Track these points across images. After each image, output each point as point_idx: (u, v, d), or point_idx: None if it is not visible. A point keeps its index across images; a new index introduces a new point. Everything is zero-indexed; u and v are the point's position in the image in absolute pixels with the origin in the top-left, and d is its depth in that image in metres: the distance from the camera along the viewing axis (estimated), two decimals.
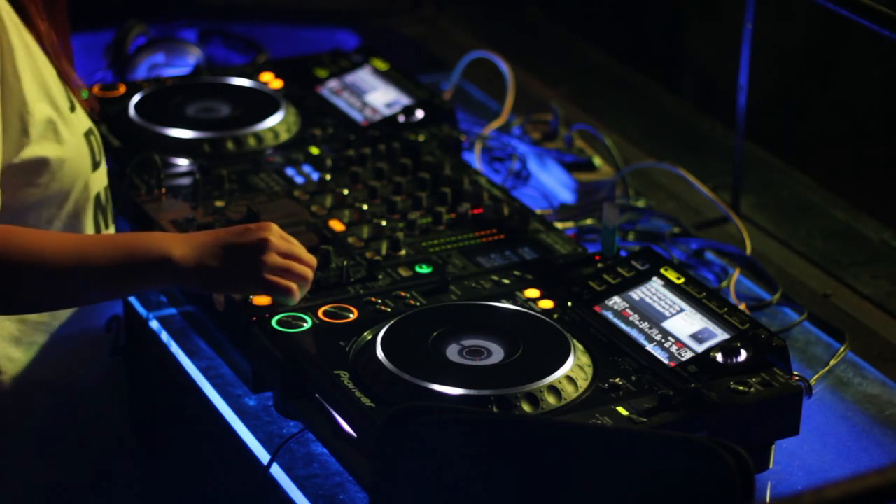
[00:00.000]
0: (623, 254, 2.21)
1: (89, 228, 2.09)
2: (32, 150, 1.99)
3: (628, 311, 2.04)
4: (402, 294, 2.07)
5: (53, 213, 2.05)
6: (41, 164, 2.00)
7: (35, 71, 1.99)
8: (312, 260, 1.98)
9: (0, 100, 1.94)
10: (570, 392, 1.86)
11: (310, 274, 1.96)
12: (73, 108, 2.06)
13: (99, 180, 2.12)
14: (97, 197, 2.11)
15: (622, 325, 2.02)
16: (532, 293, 2.09)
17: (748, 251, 2.46)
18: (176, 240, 1.92)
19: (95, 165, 2.10)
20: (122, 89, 2.63)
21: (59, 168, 2.02)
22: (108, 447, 2.24)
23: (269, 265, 1.92)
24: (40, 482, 2.17)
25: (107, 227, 2.14)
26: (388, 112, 2.61)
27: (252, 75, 2.72)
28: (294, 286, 1.94)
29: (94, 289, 1.94)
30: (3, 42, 1.94)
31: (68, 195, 2.05)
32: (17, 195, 1.99)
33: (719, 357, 1.93)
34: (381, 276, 2.12)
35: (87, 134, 2.09)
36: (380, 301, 2.05)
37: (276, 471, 1.94)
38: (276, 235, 1.94)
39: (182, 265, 1.90)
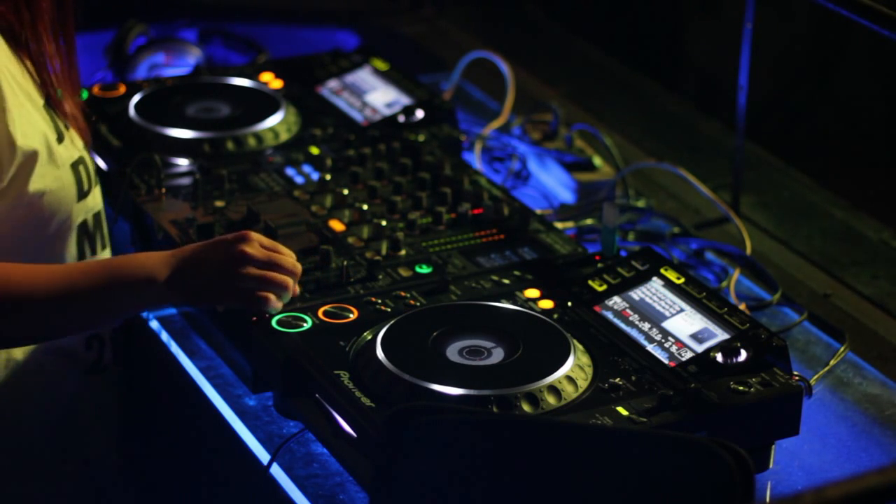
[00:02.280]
0: (623, 254, 2.21)
1: (70, 256, 2.07)
2: (11, 185, 1.95)
3: (628, 311, 2.04)
4: (402, 294, 2.07)
5: (30, 244, 2.01)
6: (18, 199, 1.97)
7: (20, 106, 1.95)
8: (295, 266, 1.98)
9: None
10: (570, 392, 1.86)
11: (289, 282, 1.96)
12: (60, 139, 2.02)
13: (85, 208, 2.08)
14: (82, 224, 2.08)
15: (622, 325, 2.02)
16: (532, 293, 2.09)
17: (748, 251, 2.46)
18: (159, 260, 1.92)
19: (82, 195, 2.06)
20: (122, 89, 2.63)
21: (37, 201, 1.99)
22: (94, 458, 2.23)
23: (245, 276, 1.93)
24: (26, 495, 2.15)
25: (94, 252, 2.11)
26: (388, 112, 2.61)
27: (252, 75, 2.72)
28: (270, 296, 1.94)
29: (83, 318, 1.94)
30: None
31: (48, 227, 2.02)
32: None
33: (719, 357, 1.93)
34: (381, 276, 2.12)
35: (76, 164, 2.05)
36: (380, 301, 2.05)
37: (276, 471, 1.94)
38: (254, 246, 1.94)
39: (165, 286, 1.91)
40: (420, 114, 2.60)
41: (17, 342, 2.02)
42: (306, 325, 1.98)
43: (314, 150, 2.48)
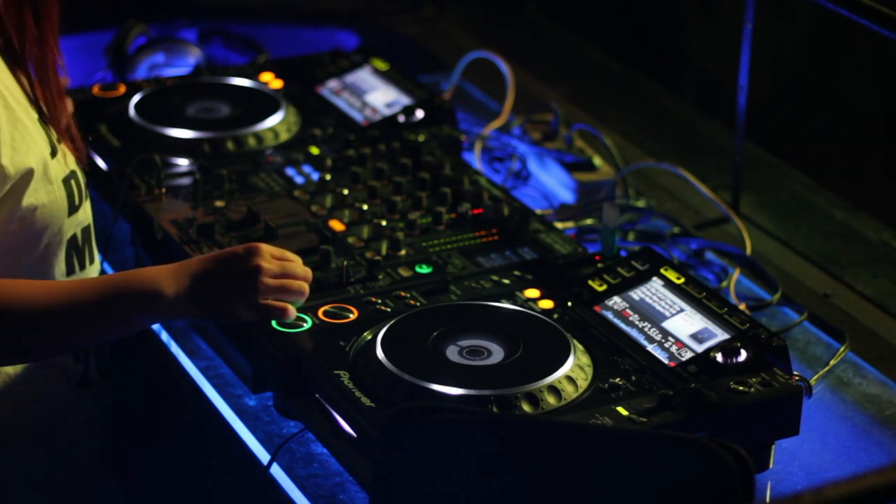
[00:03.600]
0: (623, 254, 2.21)
1: (59, 271, 2.04)
2: (4, 201, 1.93)
3: (628, 311, 2.04)
4: (402, 294, 2.07)
5: (20, 257, 1.99)
6: (10, 214, 1.95)
7: (13, 123, 1.93)
8: (307, 272, 1.98)
9: None
10: (570, 392, 1.86)
11: (305, 288, 1.97)
12: (54, 153, 2.00)
13: (76, 223, 2.06)
14: (72, 239, 2.05)
15: (622, 325, 2.02)
16: (532, 293, 2.09)
17: (748, 251, 2.46)
18: (165, 274, 1.91)
19: (73, 209, 2.04)
20: (122, 89, 2.63)
21: (30, 215, 1.96)
22: (82, 471, 2.21)
23: (263, 290, 1.93)
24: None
25: (82, 268, 2.08)
26: (388, 112, 2.61)
27: (252, 75, 2.72)
28: (288, 306, 1.95)
29: (85, 333, 1.93)
30: None
31: (39, 241, 2.00)
32: None
33: (719, 357, 1.93)
34: (381, 276, 2.12)
35: (68, 179, 2.02)
36: (380, 301, 2.05)
37: (276, 471, 1.94)
38: (266, 258, 1.94)
39: (173, 300, 1.90)
40: (420, 114, 2.60)
41: (20, 359, 2.00)
42: (306, 325, 1.98)
43: (314, 150, 2.48)
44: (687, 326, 1.99)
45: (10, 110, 1.94)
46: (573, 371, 1.88)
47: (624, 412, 1.83)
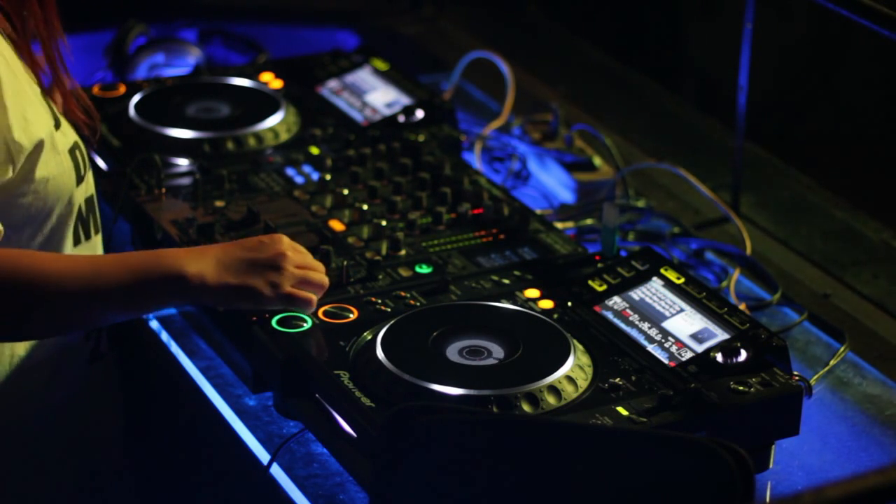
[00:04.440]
0: (623, 254, 2.21)
1: (68, 242, 2.05)
2: (16, 174, 1.94)
3: (628, 311, 2.04)
4: (402, 294, 2.07)
5: (35, 230, 2.00)
6: (25, 186, 1.96)
7: (19, 96, 1.94)
8: (322, 267, 2.01)
9: None
10: (570, 392, 1.86)
11: (326, 281, 1.99)
12: (58, 125, 2.01)
13: (82, 193, 2.07)
14: (79, 210, 2.06)
15: (622, 325, 2.02)
16: (532, 293, 2.09)
17: (748, 251, 2.46)
18: (189, 256, 1.92)
19: (80, 180, 2.05)
20: (122, 89, 2.63)
21: (42, 187, 1.97)
22: (96, 453, 2.23)
23: (289, 276, 1.94)
24: (28, 493, 2.15)
25: (87, 237, 2.09)
26: (388, 112, 2.61)
27: (252, 75, 2.72)
28: (314, 297, 1.96)
29: (108, 311, 1.93)
30: None
31: (51, 212, 2.01)
32: None
33: (719, 357, 1.93)
34: (381, 276, 2.12)
35: (73, 150, 2.04)
36: (380, 301, 2.05)
37: (276, 471, 1.94)
38: (291, 248, 1.96)
39: (197, 282, 1.90)
40: (420, 114, 2.60)
41: (44, 333, 2.01)
42: (306, 325, 1.98)
43: (314, 150, 2.48)
44: (687, 326, 1.99)
45: (18, 83, 1.94)
46: (573, 371, 1.88)
47: (624, 412, 1.83)
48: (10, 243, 1.96)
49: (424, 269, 2.14)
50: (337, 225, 2.25)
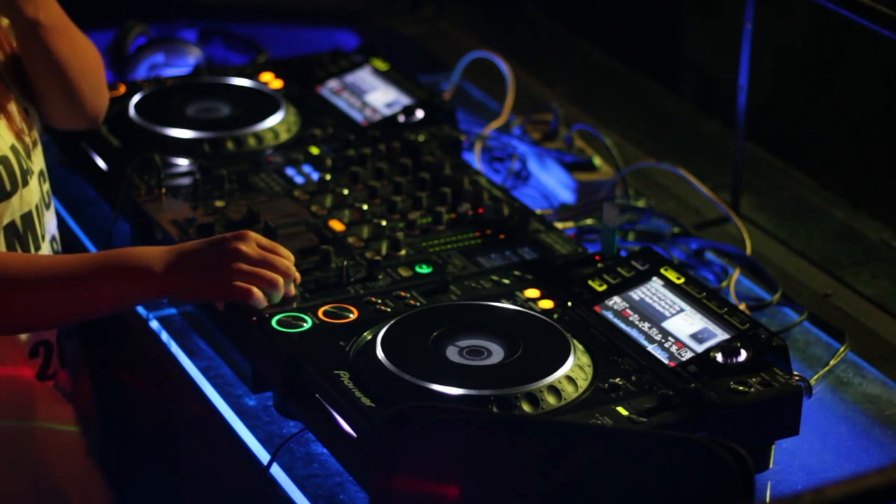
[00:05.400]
0: (623, 254, 2.21)
1: None
2: None
3: (628, 311, 2.04)
4: (402, 294, 2.07)
5: None
6: None
7: None
8: (289, 268, 2.00)
9: None
10: (570, 392, 1.86)
11: (278, 280, 1.98)
12: None
13: (10, 209, 2.02)
14: (10, 226, 2.02)
15: (622, 325, 2.02)
16: (532, 293, 2.09)
17: (748, 251, 2.46)
18: (158, 253, 1.94)
19: (4, 195, 2.00)
20: (122, 89, 2.63)
21: None
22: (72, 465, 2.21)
23: (235, 271, 1.95)
24: None
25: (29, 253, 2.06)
26: (388, 112, 2.61)
27: (252, 75, 2.72)
28: (253, 289, 1.95)
29: (77, 306, 1.94)
30: None
31: None
32: None
33: (719, 357, 1.93)
34: (381, 276, 2.12)
35: None
36: (380, 301, 2.05)
37: (276, 471, 1.94)
38: (250, 244, 1.97)
39: (161, 276, 1.92)
40: (420, 114, 2.60)
41: (9, 330, 2.01)
42: (306, 325, 1.98)
43: (314, 150, 2.48)
44: (687, 326, 1.99)
45: None
46: (573, 371, 1.88)
47: (624, 412, 1.83)
48: None
49: (424, 269, 2.14)
50: (337, 225, 2.25)
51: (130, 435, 2.32)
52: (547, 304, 2.07)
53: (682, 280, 2.07)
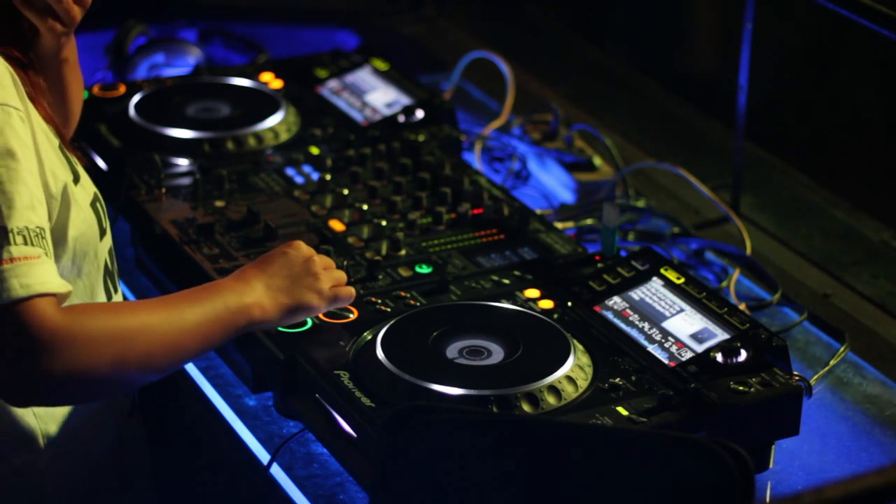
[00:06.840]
0: (623, 254, 2.21)
1: (100, 298, 1.96)
2: (55, 234, 1.85)
3: (628, 311, 2.04)
4: (402, 294, 2.07)
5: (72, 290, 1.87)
6: (59, 248, 1.87)
7: (47, 153, 1.85)
8: (331, 262, 1.99)
9: (38, 177, 1.80)
10: (570, 392, 1.86)
11: (344, 275, 1.97)
12: (76, 180, 1.92)
13: (105, 247, 1.98)
14: (105, 264, 1.98)
15: (622, 325, 2.02)
16: (532, 293, 2.09)
17: (748, 251, 2.46)
18: (239, 288, 1.86)
19: (102, 233, 1.96)
20: (122, 89, 2.63)
21: (73, 245, 1.88)
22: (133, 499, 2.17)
23: (324, 277, 1.93)
24: None
25: (115, 291, 2.01)
26: (388, 112, 2.61)
27: (252, 75, 2.72)
28: (352, 289, 1.96)
29: (197, 348, 1.83)
30: (31, 121, 1.82)
31: (81, 270, 1.92)
32: None
33: (719, 357, 1.93)
34: (381, 276, 2.12)
35: (93, 202, 1.95)
36: (380, 301, 2.05)
37: (276, 471, 1.94)
38: (310, 250, 1.94)
39: (258, 312, 1.86)
40: (420, 114, 2.60)
41: (144, 376, 1.84)
42: (306, 325, 1.98)
43: (314, 150, 2.48)
44: (687, 326, 1.99)
45: (42, 140, 1.86)
46: (573, 371, 1.88)
47: (624, 412, 1.83)
48: None
49: (424, 269, 2.14)
50: (337, 225, 2.25)
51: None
52: (547, 304, 2.07)
53: (682, 280, 2.07)
